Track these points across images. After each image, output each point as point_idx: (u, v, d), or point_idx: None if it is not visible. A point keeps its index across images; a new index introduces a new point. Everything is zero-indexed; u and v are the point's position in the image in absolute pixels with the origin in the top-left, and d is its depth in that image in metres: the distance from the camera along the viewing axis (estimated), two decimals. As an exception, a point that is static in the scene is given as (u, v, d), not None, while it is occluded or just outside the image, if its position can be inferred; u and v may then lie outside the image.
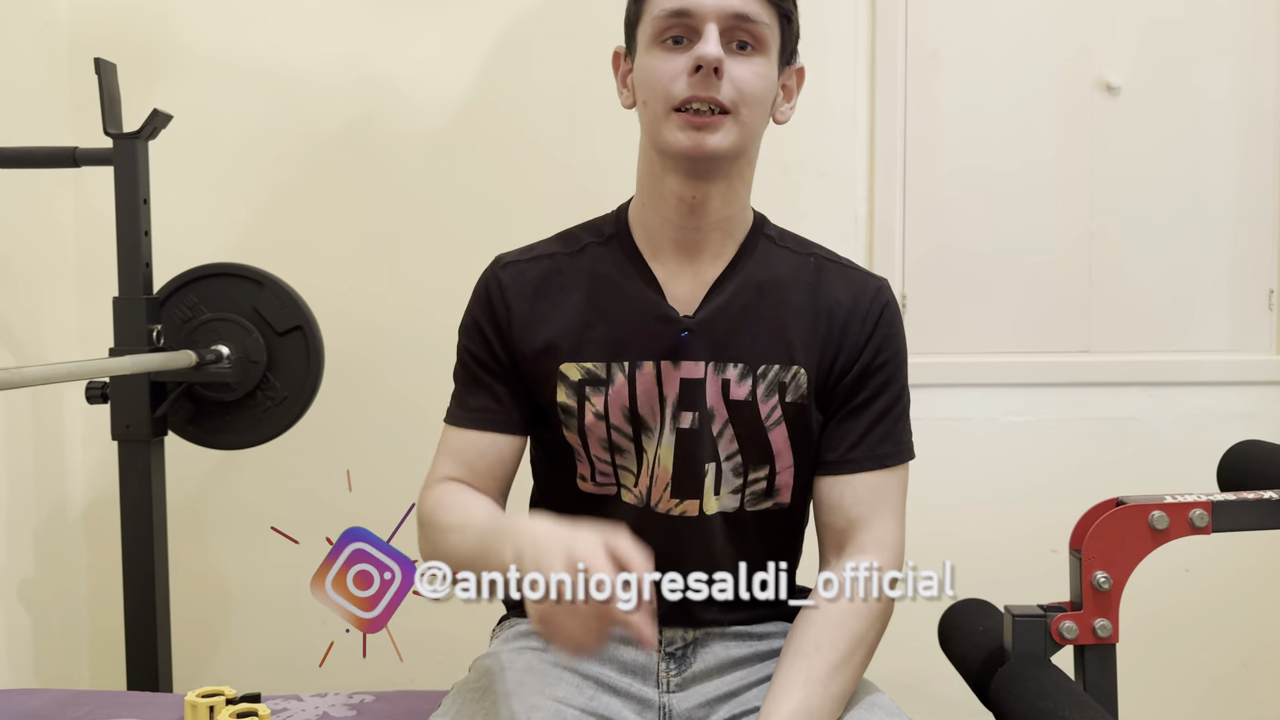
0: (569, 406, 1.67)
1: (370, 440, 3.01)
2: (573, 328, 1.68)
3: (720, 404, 1.66)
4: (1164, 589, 2.81)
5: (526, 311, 1.70)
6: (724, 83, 1.54)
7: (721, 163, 1.60)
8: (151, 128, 2.47)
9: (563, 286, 1.71)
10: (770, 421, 1.66)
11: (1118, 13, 2.98)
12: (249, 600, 3.10)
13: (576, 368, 1.67)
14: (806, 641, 1.57)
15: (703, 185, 1.62)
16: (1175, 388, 2.99)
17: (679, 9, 1.55)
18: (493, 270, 1.75)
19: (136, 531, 2.53)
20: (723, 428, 1.66)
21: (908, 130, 2.95)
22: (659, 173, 1.64)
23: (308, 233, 3.02)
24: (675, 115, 1.56)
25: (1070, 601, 1.74)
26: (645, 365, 1.65)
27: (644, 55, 1.61)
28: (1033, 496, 2.95)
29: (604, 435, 1.67)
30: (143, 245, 2.50)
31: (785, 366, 1.66)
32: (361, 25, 2.99)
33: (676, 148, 1.57)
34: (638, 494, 1.69)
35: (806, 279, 1.71)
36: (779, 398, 1.66)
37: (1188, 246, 3.02)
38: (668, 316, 1.66)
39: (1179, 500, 1.70)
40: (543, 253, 1.75)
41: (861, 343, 1.69)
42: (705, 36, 1.53)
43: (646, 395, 1.66)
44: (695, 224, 1.66)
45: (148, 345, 2.48)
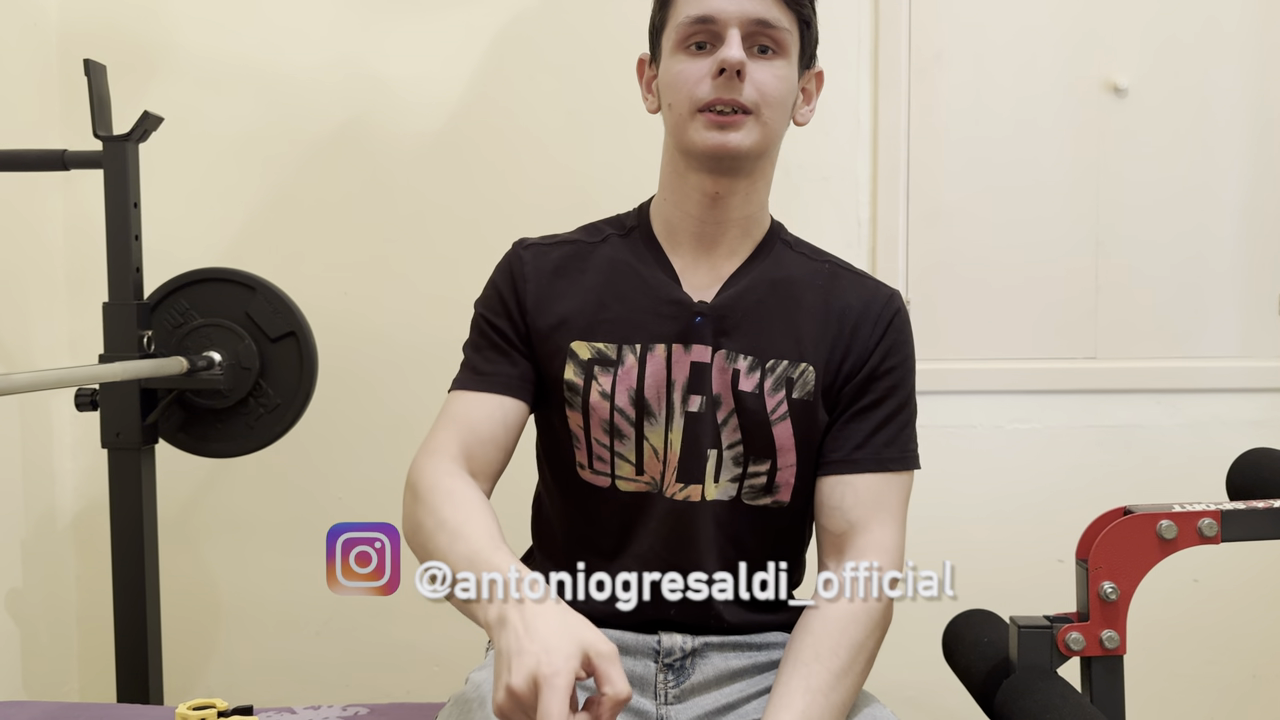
0: (575, 384, 1.71)
1: (365, 449, 3.01)
2: (587, 307, 1.73)
3: (728, 393, 1.70)
4: (1172, 600, 2.81)
5: (545, 287, 1.75)
6: (746, 85, 1.62)
7: (744, 160, 1.67)
8: (142, 130, 2.48)
9: (581, 269, 1.77)
10: (775, 416, 1.69)
11: (1125, 12, 2.97)
12: (241, 611, 3.10)
13: (587, 346, 1.71)
14: (806, 650, 1.57)
15: (725, 181, 1.69)
16: (1184, 394, 2.99)
17: (702, 15, 1.62)
18: (515, 250, 1.81)
19: (127, 541, 2.53)
20: (728, 416, 1.70)
21: (911, 133, 2.94)
22: (683, 171, 1.71)
23: (301, 237, 3.02)
24: (700, 115, 1.63)
25: (1077, 612, 1.74)
26: (657, 348, 1.70)
27: (669, 60, 1.68)
28: (1038, 505, 2.95)
29: (606, 417, 1.70)
30: (133, 249, 2.50)
31: (794, 363, 1.70)
32: (355, 25, 2.99)
33: (702, 146, 1.64)
34: (647, 480, 1.72)
35: (820, 283, 1.77)
36: (786, 393, 1.69)
37: (1197, 250, 3.00)
38: (682, 301, 1.72)
39: (1188, 509, 1.70)
40: (565, 239, 1.82)
41: (871, 346, 1.73)
42: (728, 41, 1.61)
43: (655, 378, 1.70)
44: (716, 218, 1.72)
45: (138, 351, 2.48)
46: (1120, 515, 1.72)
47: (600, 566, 1.64)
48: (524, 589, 1.37)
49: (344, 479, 3.00)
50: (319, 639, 3.08)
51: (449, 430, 1.72)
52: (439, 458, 1.68)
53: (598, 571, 1.58)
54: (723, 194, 1.69)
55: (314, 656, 3.08)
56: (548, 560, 1.81)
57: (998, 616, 1.92)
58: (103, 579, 2.63)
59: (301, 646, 3.08)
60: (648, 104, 1.78)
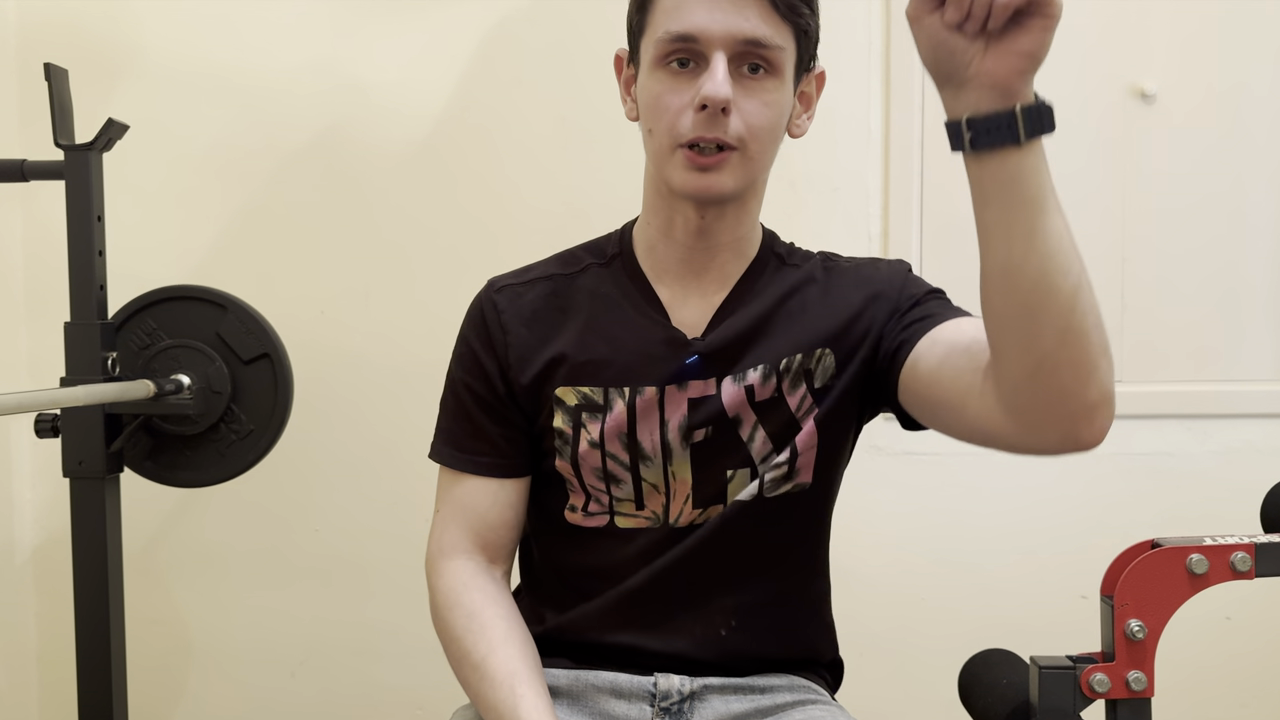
0: (564, 433, 1.70)
1: (343, 478, 3.00)
2: (571, 350, 1.71)
3: (746, 409, 1.69)
4: (1203, 638, 2.81)
5: (524, 336, 1.73)
6: (732, 119, 1.56)
7: (728, 199, 1.64)
8: (106, 138, 2.47)
9: (562, 309, 1.74)
10: (801, 412, 1.69)
11: (1152, 12, 2.97)
12: (212, 649, 3.09)
13: (573, 392, 1.70)
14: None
15: (713, 209, 1.66)
16: (1216, 420, 2.98)
17: (684, 34, 1.55)
18: (486, 293, 1.78)
19: (90, 576, 2.52)
20: (753, 431, 1.69)
21: (925, 141, 2.95)
22: (666, 196, 1.67)
23: (276, 253, 3.02)
24: (680, 152, 1.58)
25: (1102, 652, 1.74)
26: (647, 391, 1.68)
27: (648, 77, 1.62)
28: (1060, 538, 2.94)
29: (598, 464, 1.69)
30: (96, 266, 2.49)
31: (808, 353, 1.69)
32: (334, 27, 2.99)
33: (681, 189, 1.61)
34: (649, 514, 1.71)
35: (820, 274, 1.75)
36: (807, 385, 1.69)
37: (1229, 266, 3.00)
38: (675, 339, 1.70)
39: (1219, 542, 1.70)
40: (540, 274, 1.79)
41: (895, 295, 1.70)
42: (712, 69, 1.54)
43: (647, 423, 1.68)
44: (705, 245, 1.70)
45: (102, 374, 2.47)
46: (1147, 549, 1.71)
47: (595, 606, 1.64)
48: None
49: (321, 510, 3.00)
50: (295, 680, 3.07)
51: (457, 523, 1.74)
52: (456, 560, 1.72)
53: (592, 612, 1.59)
54: (710, 221, 1.67)
55: (289, 698, 3.07)
56: (539, 603, 1.81)
57: (1017, 656, 1.91)
58: (64, 616, 2.62)
59: (276, 687, 3.07)
60: (627, 109, 1.72)
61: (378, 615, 3.01)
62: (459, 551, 1.72)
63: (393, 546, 2.94)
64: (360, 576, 3.01)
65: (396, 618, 2.97)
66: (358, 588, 3.01)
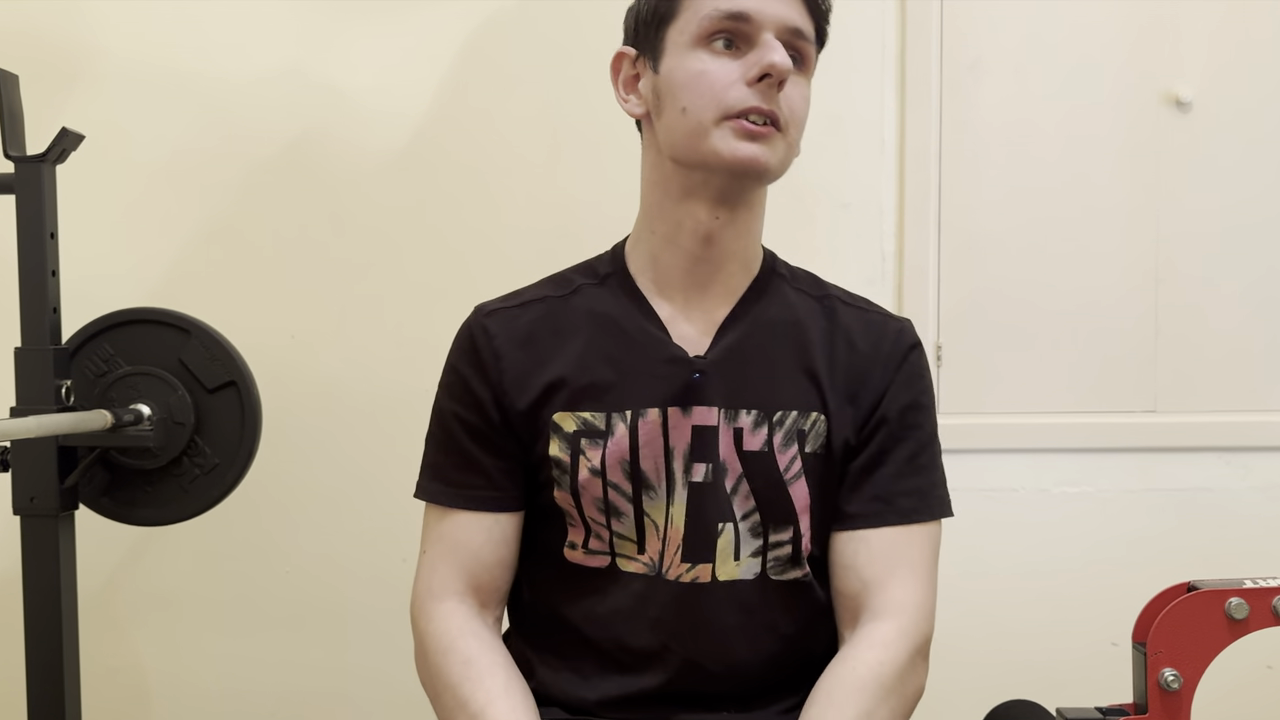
0: (562, 461, 1.70)
1: (316, 516, 3.00)
2: (568, 374, 1.72)
3: (733, 456, 1.69)
4: (1243, 689, 2.80)
5: (520, 361, 1.74)
6: (782, 98, 1.61)
7: (764, 180, 1.67)
8: (60, 149, 2.47)
9: (557, 330, 1.75)
10: (790, 474, 1.69)
11: (1187, 14, 2.97)
12: (173, 699, 3.09)
13: (572, 417, 1.70)
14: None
15: (726, 210, 1.67)
16: (1256, 453, 2.98)
17: (738, 11, 1.60)
18: (476, 319, 1.79)
19: (42, 620, 2.52)
20: (737, 483, 1.69)
21: (943, 153, 2.95)
22: (677, 195, 1.69)
23: (242, 273, 3.01)
24: (729, 123, 1.61)
25: (1134, 703, 1.74)
26: (650, 413, 1.69)
27: (684, 56, 1.64)
28: (1090, 581, 2.94)
29: (599, 495, 1.70)
30: (49, 286, 2.49)
31: (804, 413, 1.70)
32: (306, 28, 3.00)
33: (729, 157, 1.61)
34: (646, 560, 1.71)
35: (823, 322, 1.76)
36: (798, 447, 1.69)
37: (1270, 288, 3.01)
38: (677, 357, 1.71)
39: (1260, 585, 1.70)
40: (531, 298, 1.80)
41: (883, 389, 1.73)
42: (768, 44, 1.59)
43: (650, 448, 1.69)
44: (709, 254, 1.71)
45: (55, 404, 2.47)
46: (1183, 592, 1.72)
47: (590, 655, 1.65)
48: None
49: (292, 550, 2.99)
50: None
51: (447, 562, 1.75)
52: (447, 603, 1.73)
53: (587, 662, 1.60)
54: (720, 225, 1.68)
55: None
56: (530, 649, 1.81)
57: (1043, 708, 1.91)
58: (14, 662, 2.62)
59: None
60: (628, 106, 1.74)
61: (355, 662, 3.00)
62: (450, 593, 1.72)
63: (370, 589, 2.94)
64: (335, 621, 3.00)
65: (375, 664, 2.96)
66: (332, 633, 3.00)
